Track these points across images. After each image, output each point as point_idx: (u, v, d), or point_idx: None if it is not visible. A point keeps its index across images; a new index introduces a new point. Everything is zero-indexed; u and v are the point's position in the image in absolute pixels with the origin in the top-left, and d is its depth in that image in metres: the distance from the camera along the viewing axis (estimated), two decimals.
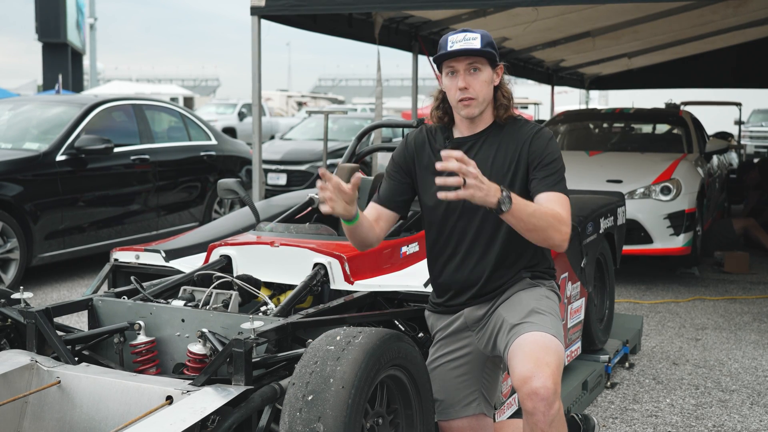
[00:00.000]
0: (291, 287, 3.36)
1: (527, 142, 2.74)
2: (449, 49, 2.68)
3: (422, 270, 3.27)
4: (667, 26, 10.70)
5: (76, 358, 2.88)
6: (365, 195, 4.64)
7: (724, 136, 13.19)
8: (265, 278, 3.37)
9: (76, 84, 28.30)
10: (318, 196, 2.54)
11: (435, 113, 2.86)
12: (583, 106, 19.70)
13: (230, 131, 21.68)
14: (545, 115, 21.44)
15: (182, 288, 3.21)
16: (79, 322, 5.19)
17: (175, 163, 8.36)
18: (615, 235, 4.99)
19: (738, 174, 11.53)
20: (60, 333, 2.98)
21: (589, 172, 7.53)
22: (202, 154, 8.76)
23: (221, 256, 3.51)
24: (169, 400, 2.52)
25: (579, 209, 4.48)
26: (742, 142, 16.28)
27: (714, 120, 15.08)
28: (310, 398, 2.25)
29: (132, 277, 3.34)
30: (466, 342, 2.85)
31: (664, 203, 7.21)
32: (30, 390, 2.72)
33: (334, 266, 3.28)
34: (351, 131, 14.48)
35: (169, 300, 3.17)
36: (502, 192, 2.44)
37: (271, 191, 11.24)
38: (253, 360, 2.57)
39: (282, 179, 12.36)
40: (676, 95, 14.09)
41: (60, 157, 7.10)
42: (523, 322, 2.66)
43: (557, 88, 16.38)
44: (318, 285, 3.25)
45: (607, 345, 4.77)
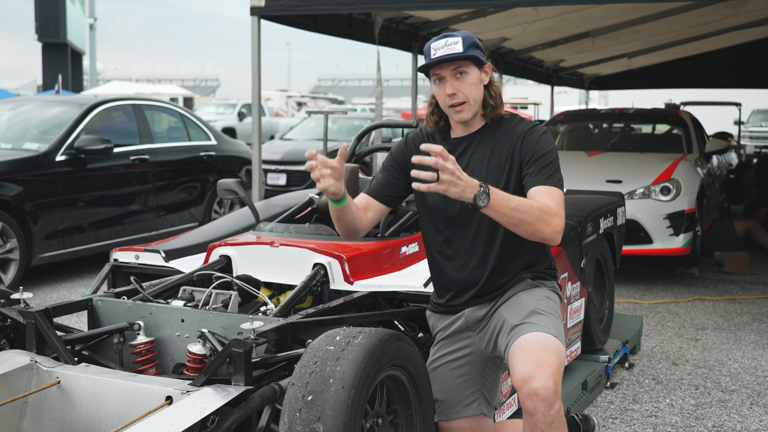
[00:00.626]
0: (291, 287, 3.35)
1: (520, 139, 2.74)
2: (432, 57, 2.67)
3: (422, 270, 3.27)
4: (666, 26, 10.71)
5: (76, 359, 2.87)
6: None
7: (723, 136, 13.21)
8: (264, 278, 3.37)
9: (75, 84, 28.31)
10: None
11: (431, 119, 2.86)
12: (583, 107, 19.70)
13: (230, 131, 21.68)
14: (545, 116, 21.44)
15: (182, 288, 3.21)
16: (78, 322, 5.19)
17: (175, 163, 8.36)
18: (615, 236, 4.99)
19: (736, 174, 11.56)
20: (60, 333, 2.98)
21: (588, 172, 7.53)
22: (202, 154, 8.76)
23: (221, 256, 3.51)
24: (169, 400, 2.52)
25: (579, 209, 4.48)
26: (742, 142, 16.28)
27: (714, 120, 15.08)
28: (309, 398, 2.25)
29: (132, 278, 3.34)
30: (467, 342, 2.85)
31: (664, 203, 7.21)
32: (30, 390, 2.72)
33: (333, 266, 3.28)
34: (351, 131, 14.49)
35: (169, 300, 3.17)
36: (480, 187, 2.42)
37: (271, 191, 11.24)
38: (252, 360, 2.57)
39: (282, 179, 12.37)
40: (676, 95, 14.10)
41: (60, 158, 7.10)
42: (523, 323, 2.66)
43: (557, 89, 16.38)
44: (318, 285, 3.25)
45: (607, 345, 4.77)
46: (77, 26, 30.21)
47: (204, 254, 3.69)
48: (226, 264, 3.49)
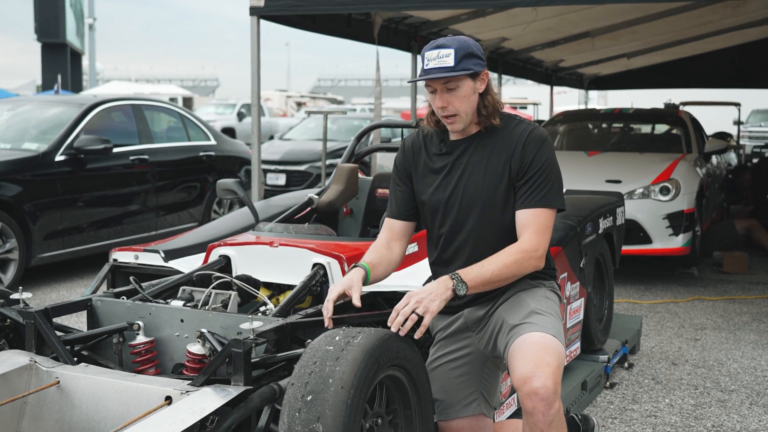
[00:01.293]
0: (290, 287, 3.35)
1: (519, 146, 2.71)
2: (425, 67, 2.67)
3: (422, 270, 3.27)
4: (666, 26, 10.71)
5: (75, 359, 2.87)
6: (365, 195, 4.65)
7: (723, 136, 13.20)
8: (264, 278, 3.37)
9: (75, 84, 28.29)
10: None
11: (431, 119, 2.85)
12: (582, 107, 19.70)
13: (229, 131, 21.64)
14: (544, 116, 21.44)
15: (181, 288, 3.21)
16: (78, 322, 5.18)
17: (175, 163, 8.35)
18: (614, 235, 4.99)
19: (733, 175, 11.59)
20: (59, 333, 2.98)
21: (588, 172, 7.54)
22: (202, 154, 8.76)
23: (220, 256, 3.51)
24: (168, 400, 2.52)
25: (578, 209, 4.49)
26: (741, 142, 16.28)
27: (713, 120, 15.07)
28: (309, 398, 2.25)
29: (131, 278, 3.34)
30: (466, 342, 2.85)
31: (663, 203, 7.21)
32: (29, 390, 2.72)
33: (333, 266, 3.28)
34: (350, 131, 14.48)
35: (168, 300, 3.17)
36: (453, 279, 2.54)
37: (271, 191, 11.24)
38: (252, 360, 2.57)
39: (281, 179, 12.36)
40: (675, 95, 14.08)
41: (59, 158, 7.10)
42: (523, 323, 2.66)
43: (556, 89, 16.39)
44: (317, 285, 3.24)
45: (607, 345, 4.78)
46: (76, 26, 30.19)
47: (203, 254, 3.69)
48: (225, 264, 3.48)
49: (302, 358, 2.37)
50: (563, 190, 2.77)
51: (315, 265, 3.29)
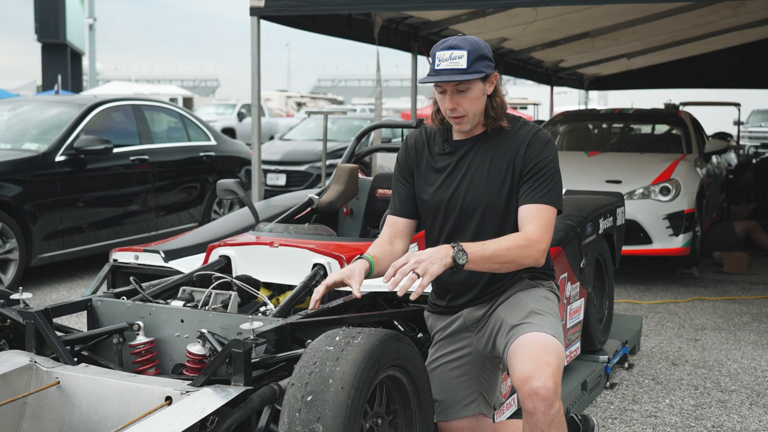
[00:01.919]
0: (290, 287, 3.35)
1: (523, 146, 2.72)
2: (436, 67, 2.65)
3: None
4: (666, 27, 10.71)
5: (75, 359, 2.87)
6: (365, 195, 4.65)
7: (723, 136, 13.21)
8: (264, 279, 3.37)
9: (75, 84, 28.30)
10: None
11: (436, 117, 2.84)
12: (583, 107, 19.70)
13: (229, 132, 21.68)
14: (544, 116, 21.44)
15: (181, 288, 3.21)
16: (78, 322, 5.19)
17: (175, 163, 8.36)
18: (614, 236, 4.99)
19: (735, 174, 11.59)
20: (59, 333, 2.97)
21: (588, 172, 7.54)
22: (202, 154, 8.76)
23: (220, 256, 3.51)
24: (169, 400, 2.52)
25: (578, 210, 4.49)
26: (741, 142, 16.28)
27: (713, 120, 15.09)
28: (309, 399, 2.25)
29: (131, 278, 3.34)
30: (465, 342, 2.85)
31: (664, 203, 7.21)
32: (29, 390, 2.72)
33: (333, 266, 3.28)
34: (350, 132, 14.49)
35: (169, 300, 3.17)
36: (454, 248, 2.51)
37: (271, 192, 11.24)
38: (252, 360, 2.57)
39: (281, 180, 12.36)
40: (676, 96, 14.09)
41: (59, 158, 7.10)
42: (522, 323, 2.66)
43: (556, 89, 16.38)
44: (317, 285, 3.24)
45: (607, 345, 4.78)
46: (77, 26, 30.20)
47: (203, 254, 3.69)
48: (225, 264, 3.48)
49: (302, 358, 2.37)
50: (562, 194, 2.78)
51: (315, 265, 3.30)
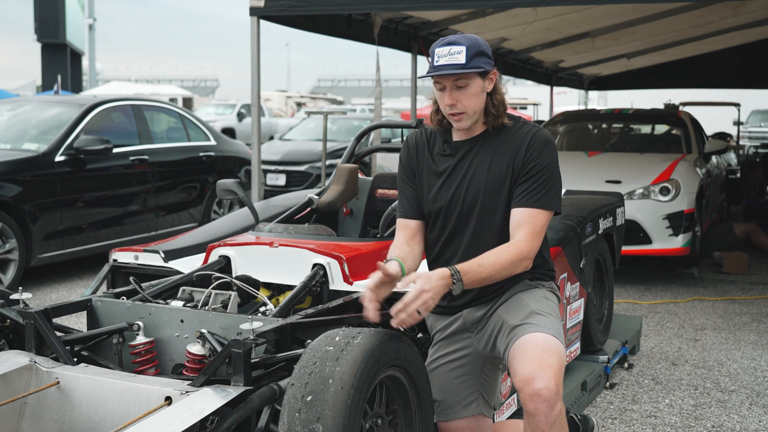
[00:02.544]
0: (290, 288, 3.35)
1: (523, 146, 2.71)
2: (435, 63, 2.64)
3: (422, 270, 3.26)
4: (666, 27, 10.71)
5: (75, 359, 2.87)
6: (365, 195, 4.65)
7: (722, 136, 13.23)
8: (264, 279, 3.37)
9: (75, 84, 28.29)
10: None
11: (435, 117, 2.83)
12: (582, 107, 19.70)
13: (229, 132, 21.68)
14: (544, 116, 21.44)
15: (181, 288, 3.21)
16: (78, 322, 5.18)
17: (174, 163, 8.35)
18: (614, 236, 4.99)
19: (741, 172, 11.56)
20: (59, 333, 2.98)
21: (588, 172, 7.54)
22: (201, 154, 8.76)
23: (220, 256, 3.51)
24: (168, 400, 2.52)
25: (578, 210, 4.49)
26: (741, 142, 16.29)
27: (713, 120, 15.09)
28: (309, 399, 2.25)
29: (131, 278, 3.34)
30: (465, 343, 2.85)
31: (663, 204, 7.21)
32: (29, 391, 2.72)
33: (333, 267, 3.28)
34: (350, 132, 14.49)
35: (168, 300, 3.17)
36: (452, 277, 2.51)
37: (270, 192, 11.24)
38: (252, 361, 2.57)
39: (281, 180, 12.36)
40: (675, 96, 14.10)
41: (59, 158, 7.10)
42: (523, 323, 2.66)
43: (556, 89, 16.38)
44: (317, 285, 3.24)
45: (606, 345, 4.78)
46: (76, 26, 30.19)
47: (203, 255, 3.68)
48: (225, 264, 3.48)
49: (302, 358, 2.37)
50: (561, 194, 2.77)
51: (315, 265, 3.29)
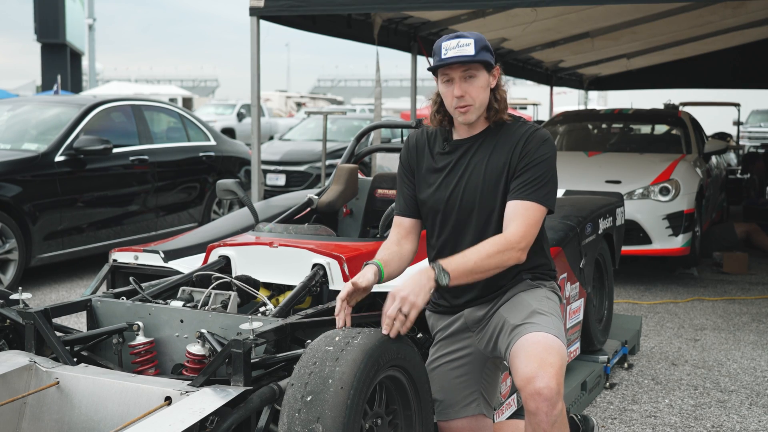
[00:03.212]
0: (290, 288, 3.35)
1: (520, 143, 2.73)
2: (443, 56, 2.66)
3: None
4: (665, 27, 10.72)
5: (75, 359, 2.87)
6: (364, 195, 4.64)
7: (722, 136, 13.23)
8: (264, 279, 3.37)
9: (74, 85, 28.30)
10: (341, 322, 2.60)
11: (435, 117, 2.85)
12: (582, 107, 19.70)
13: (229, 132, 21.68)
14: (544, 116, 21.44)
15: (181, 288, 3.21)
16: (77, 322, 5.18)
17: (174, 163, 8.35)
18: (614, 236, 4.99)
19: (743, 164, 11.57)
20: (59, 334, 2.98)
21: (587, 172, 7.54)
22: (201, 154, 8.76)
23: (220, 256, 3.51)
24: (168, 400, 2.52)
25: (578, 210, 4.48)
26: (741, 142, 16.30)
27: (713, 120, 15.10)
28: (308, 399, 2.25)
29: (131, 278, 3.34)
30: (466, 343, 2.85)
31: (663, 204, 7.21)
32: (29, 391, 2.72)
33: (332, 267, 3.28)
34: (350, 132, 14.49)
35: (168, 300, 3.17)
36: (435, 269, 2.51)
37: (270, 192, 11.24)
38: (251, 361, 2.57)
39: (281, 180, 12.37)
40: (675, 96, 14.11)
41: (59, 158, 7.10)
42: (525, 323, 2.66)
43: (556, 89, 16.38)
44: (317, 285, 3.24)
45: (606, 345, 4.77)
46: (76, 26, 30.20)
47: (203, 255, 3.69)
48: (225, 264, 3.48)
49: (302, 358, 2.37)
50: (556, 194, 2.78)
51: (315, 265, 3.29)
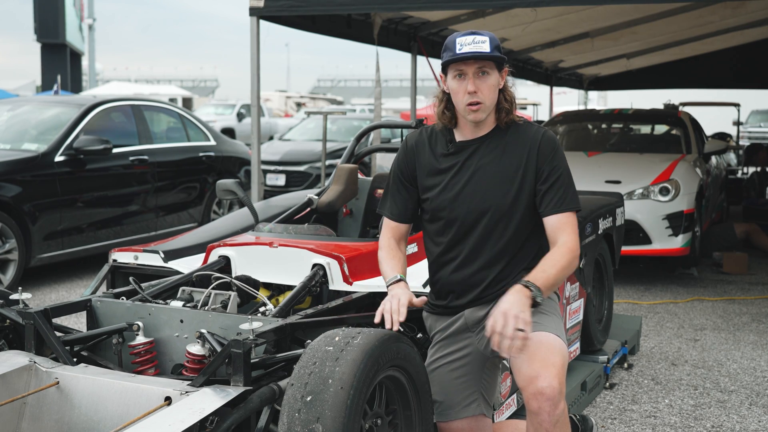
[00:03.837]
0: (290, 288, 3.36)
1: (535, 148, 2.73)
2: (458, 51, 2.65)
3: (421, 270, 3.27)
4: (665, 27, 10.72)
5: (75, 359, 2.87)
6: (364, 195, 4.65)
7: (722, 136, 13.22)
8: (263, 279, 3.37)
9: (74, 85, 28.28)
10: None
11: (445, 114, 2.81)
12: (582, 107, 19.70)
13: (229, 132, 21.67)
14: (544, 116, 21.44)
15: (181, 289, 3.21)
16: (77, 322, 5.18)
17: (174, 163, 8.35)
18: (614, 236, 4.99)
19: (746, 155, 11.59)
20: (58, 334, 2.98)
21: (587, 172, 7.53)
22: (201, 154, 8.76)
23: (220, 256, 3.51)
24: (168, 400, 2.52)
25: None
26: (741, 142, 16.29)
27: (712, 121, 15.09)
28: (308, 399, 2.25)
29: (131, 278, 3.34)
30: (466, 343, 2.85)
31: (663, 204, 7.21)
32: (28, 391, 2.72)
33: (332, 267, 3.28)
34: (350, 132, 14.49)
35: (168, 301, 3.17)
36: (530, 289, 2.53)
37: (270, 192, 11.25)
38: (251, 361, 2.57)
39: (281, 180, 12.37)
40: (675, 96, 14.10)
41: (59, 158, 7.10)
42: None
43: (556, 89, 16.38)
44: (317, 286, 3.24)
45: (606, 345, 4.77)
46: (75, 27, 30.20)
47: (203, 255, 3.69)
48: (225, 264, 3.49)
49: (302, 358, 2.37)
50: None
51: (314, 265, 3.30)
